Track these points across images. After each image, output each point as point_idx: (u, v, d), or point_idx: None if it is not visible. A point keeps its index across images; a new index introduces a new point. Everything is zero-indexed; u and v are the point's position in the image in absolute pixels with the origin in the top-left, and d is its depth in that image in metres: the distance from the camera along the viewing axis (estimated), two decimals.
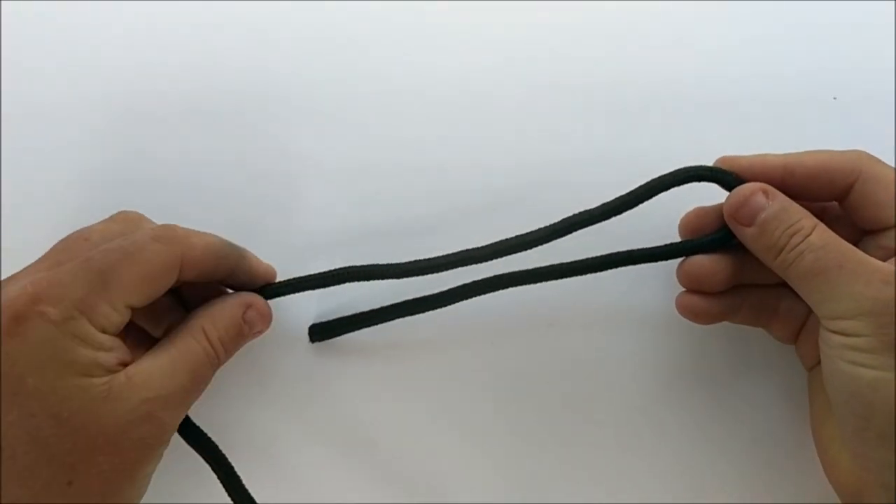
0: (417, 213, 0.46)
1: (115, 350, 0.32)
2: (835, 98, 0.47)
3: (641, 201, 0.38)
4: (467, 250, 0.39)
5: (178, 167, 0.45)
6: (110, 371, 0.31)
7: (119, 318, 0.32)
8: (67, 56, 0.47)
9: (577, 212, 0.39)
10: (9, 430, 0.29)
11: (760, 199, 0.35)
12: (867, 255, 0.33)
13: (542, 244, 0.39)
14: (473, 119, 0.47)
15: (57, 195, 0.45)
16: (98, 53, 0.47)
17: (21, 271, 0.34)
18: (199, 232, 0.35)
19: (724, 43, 0.48)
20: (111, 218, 0.37)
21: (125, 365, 0.32)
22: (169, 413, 0.32)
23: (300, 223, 0.45)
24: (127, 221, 0.36)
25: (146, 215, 0.38)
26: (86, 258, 0.32)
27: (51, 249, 0.35)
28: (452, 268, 0.39)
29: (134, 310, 0.33)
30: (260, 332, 0.38)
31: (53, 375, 0.30)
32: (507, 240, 0.39)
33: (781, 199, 0.35)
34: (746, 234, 0.36)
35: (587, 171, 0.46)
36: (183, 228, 0.35)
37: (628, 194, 0.38)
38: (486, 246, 0.39)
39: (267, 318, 0.38)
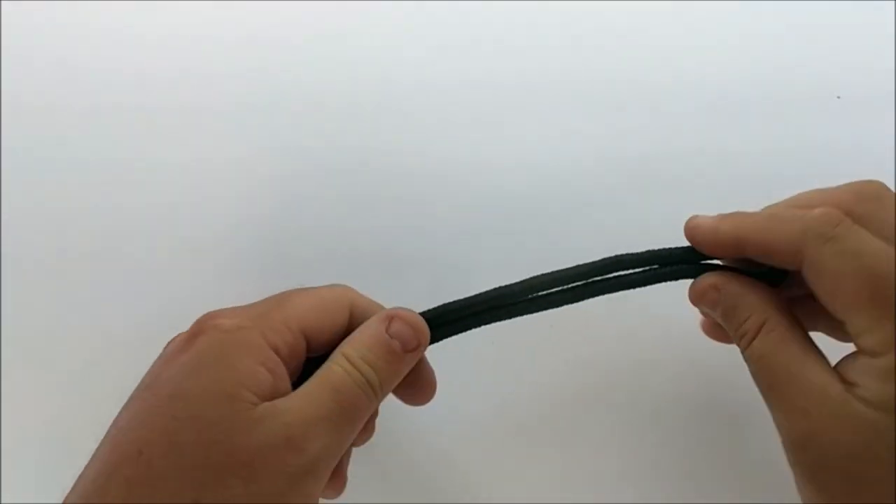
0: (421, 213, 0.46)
1: (276, 375, 0.30)
2: (838, 97, 0.47)
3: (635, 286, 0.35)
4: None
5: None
6: (262, 394, 0.29)
7: (292, 339, 0.31)
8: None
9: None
10: (151, 434, 0.28)
11: (712, 295, 0.33)
12: (805, 373, 0.29)
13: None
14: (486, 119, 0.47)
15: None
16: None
17: None
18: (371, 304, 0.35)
19: (727, 43, 0.48)
20: (325, 287, 0.36)
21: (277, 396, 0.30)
22: (312, 442, 0.29)
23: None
24: (337, 294, 0.35)
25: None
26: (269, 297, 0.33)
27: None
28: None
29: (309, 345, 0.32)
30: (418, 347, 0.33)
31: (207, 379, 0.28)
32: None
33: (730, 296, 0.32)
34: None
35: (587, 170, 0.46)
36: (362, 295, 0.35)
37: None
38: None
39: (417, 328, 0.33)
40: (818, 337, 0.33)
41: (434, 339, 0.34)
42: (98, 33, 0.47)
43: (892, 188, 0.45)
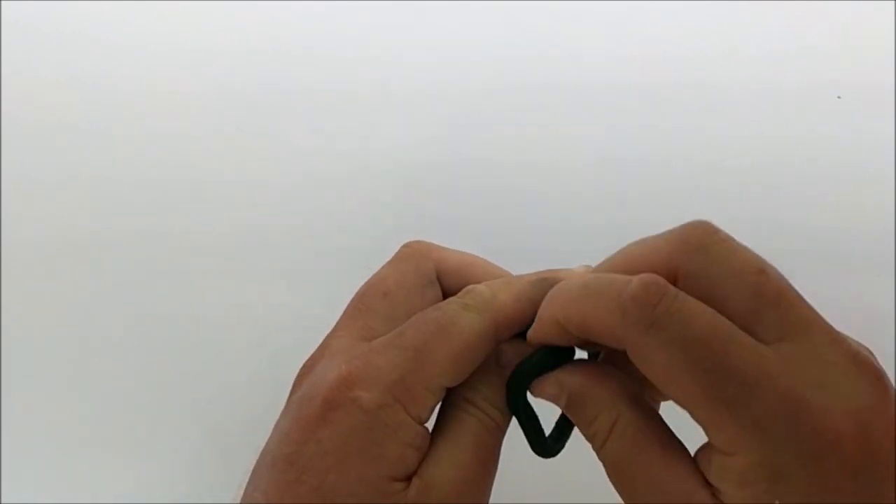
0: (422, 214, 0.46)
1: (422, 447, 0.28)
2: (838, 97, 0.47)
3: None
4: None
5: None
6: (410, 474, 0.27)
7: (435, 401, 0.28)
8: None
9: None
10: None
11: (551, 389, 0.29)
12: (667, 480, 0.26)
13: None
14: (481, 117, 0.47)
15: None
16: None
17: (330, 336, 0.30)
18: (506, 283, 0.30)
19: (727, 43, 0.48)
20: (399, 257, 0.32)
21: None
22: None
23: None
24: (418, 259, 0.32)
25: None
26: (398, 333, 0.28)
27: (349, 305, 0.31)
28: None
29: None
30: None
31: (355, 474, 0.26)
32: None
33: (574, 389, 0.28)
34: None
35: (588, 170, 0.46)
36: (488, 288, 0.30)
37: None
38: None
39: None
40: None
41: None
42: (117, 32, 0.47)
43: (892, 187, 0.45)
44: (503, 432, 0.29)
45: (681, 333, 0.24)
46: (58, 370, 0.46)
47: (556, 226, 0.46)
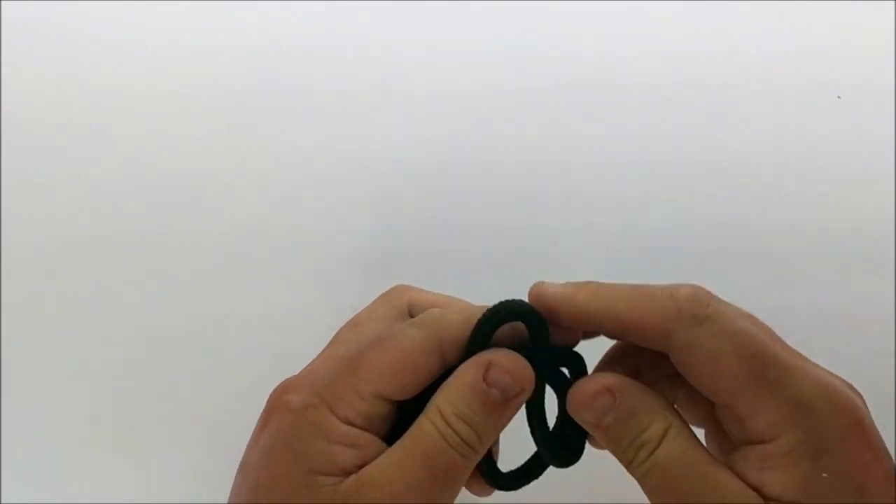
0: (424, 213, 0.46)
1: (358, 447, 0.28)
2: (838, 97, 0.47)
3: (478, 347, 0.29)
4: None
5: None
6: (345, 472, 0.27)
7: (367, 407, 0.28)
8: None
9: None
10: None
11: (605, 400, 0.28)
12: (721, 480, 0.27)
13: None
14: (479, 117, 0.47)
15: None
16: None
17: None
18: (461, 308, 0.31)
19: (727, 43, 0.48)
20: (379, 297, 0.33)
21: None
22: None
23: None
24: (392, 295, 0.33)
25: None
26: (342, 346, 0.31)
27: (330, 340, 0.32)
28: None
29: (393, 402, 0.29)
30: (521, 393, 0.29)
31: (281, 469, 0.27)
32: None
33: (629, 398, 0.28)
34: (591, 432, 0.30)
35: (588, 170, 0.46)
36: (440, 310, 0.30)
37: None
38: None
39: (519, 373, 0.28)
40: None
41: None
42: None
43: (892, 187, 0.45)
44: (473, 454, 0.28)
45: (730, 326, 0.27)
46: (58, 370, 0.46)
47: (557, 226, 0.46)
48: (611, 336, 0.30)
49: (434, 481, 0.27)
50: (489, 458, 0.30)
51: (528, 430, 0.30)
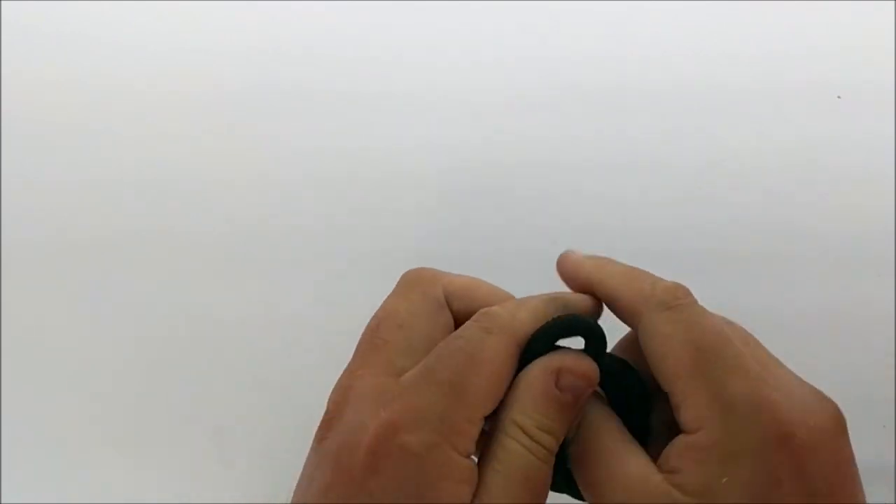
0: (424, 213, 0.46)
1: (472, 480, 0.27)
2: (838, 97, 0.47)
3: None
4: None
5: None
6: None
7: (478, 432, 0.27)
8: None
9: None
10: None
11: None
12: (623, 466, 0.28)
13: None
14: (475, 118, 0.47)
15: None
16: None
17: (350, 376, 0.29)
18: (521, 303, 0.30)
19: (727, 43, 0.48)
20: (405, 286, 0.32)
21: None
22: None
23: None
24: (424, 285, 0.31)
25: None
26: (427, 369, 0.28)
27: (363, 341, 0.30)
28: None
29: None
30: (590, 388, 0.30)
31: None
32: None
33: None
34: None
35: (588, 171, 0.46)
36: (505, 309, 0.30)
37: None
38: None
39: (588, 375, 0.29)
40: None
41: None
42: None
43: (892, 187, 0.45)
44: (554, 458, 0.28)
45: (689, 318, 0.28)
46: (58, 370, 0.46)
47: (557, 226, 0.46)
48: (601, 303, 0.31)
49: (535, 499, 0.28)
50: None
51: None
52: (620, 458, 0.28)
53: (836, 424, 0.27)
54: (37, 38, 0.47)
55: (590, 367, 0.29)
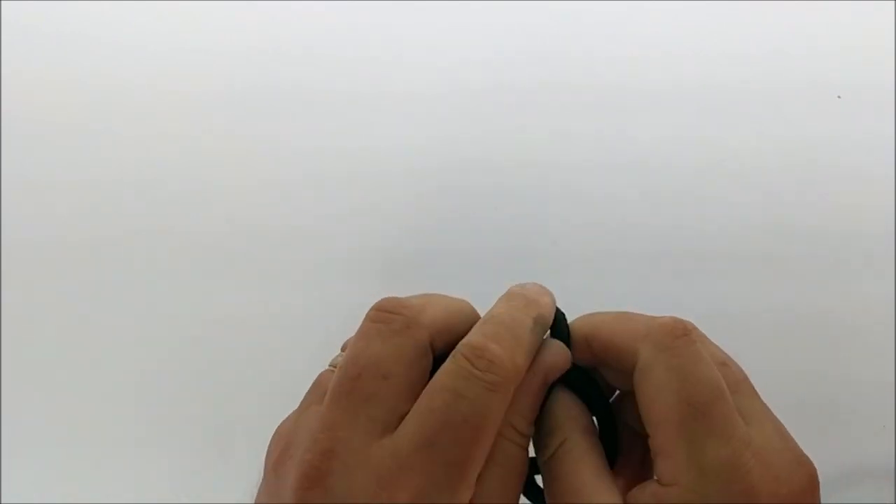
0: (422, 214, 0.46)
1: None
2: (838, 97, 0.47)
3: None
4: None
5: None
6: None
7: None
8: None
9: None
10: None
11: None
12: (593, 497, 0.28)
13: None
14: (473, 117, 0.47)
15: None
16: None
17: (326, 426, 0.27)
18: (516, 335, 0.29)
19: (727, 43, 0.48)
20: (386, 329, 0.29)
21: None
22: None
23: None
24: (412, 329, 0.29)
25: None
26: (428, 442, 0.26)
27: (340, 388, 0.27)
28: None
29: None
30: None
31: None
32: None
33: (551, 401, 0.30)
34: None
35: (588, 171, 0.46)
36: (503, 349, 0.28)
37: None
38: None
39: (565, 355, 0.30)
40: None
41: None
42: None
43: (892, 187, 0.45)
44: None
45: (685, 365, 0.27)
46: (58, 370, 0.46)
47: (557, 226, 0.46)
48: (599, 360, 0.31)
49: (521, 490, 0.29)
50: None
51: None
52: (593, 490, 0.28)
53: (810, 490, 0.27)
54: (36, 39, 0.47)
55: (567, 356, 0.30)
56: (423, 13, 0.48)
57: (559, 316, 0.31)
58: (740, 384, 0.29)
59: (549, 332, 0.31)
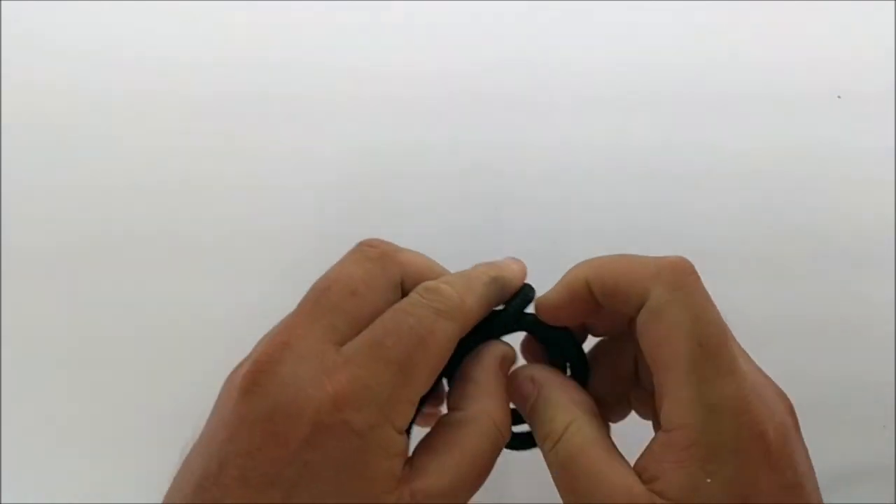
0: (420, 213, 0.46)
1: (405, 452, 0.28)
2: (838, 97, 0.47)
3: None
4: None
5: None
6: (399, 480, 0.27)
7: (414, 410, 0.28)
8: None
9: None
10: None
11: (529, 388, 0.31)
12: (609, 476, 0.28)
13: None
14: (473, 117, 0.47)
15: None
16: None
17: (288, 331, 0.29)
18: (467, 285, 0.31)
19: (727, 43, 0.48)
20: (365, 256, 0.31)
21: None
22: None
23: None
24: (385, 261, 0.31)
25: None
26: (376, 343, 0.28)
27: (309, 299, 0.30)
28: None
29: None
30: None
31: (352, 494, 0.26)
32: None
33: (548, 389, 0.31)
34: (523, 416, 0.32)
35: (588, 173, 0.46)
36: (454, 290, 0.30)
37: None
38: None
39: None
40: None
41: None
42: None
43: (892, 188, 0.45)
44: (504, 439, 0.30)
45: (697, 304, 0.28)
46: (58, 370, 0.46)
47: (557, 227, 0.46)
48: (597, 304, 0.31)
49: (482, 480, 0.29)
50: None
51: None
52: (607, 467, 0.28)
53: (794, 418, 0.28)
54: (34, 41, 0.47)
55: (510, 349, 0.32)
56: (423, 13, 0.48)
57: (527, 287, 0.32)
58: (721, 346, 0.29)
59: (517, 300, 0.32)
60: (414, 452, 0.29)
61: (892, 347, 0.47)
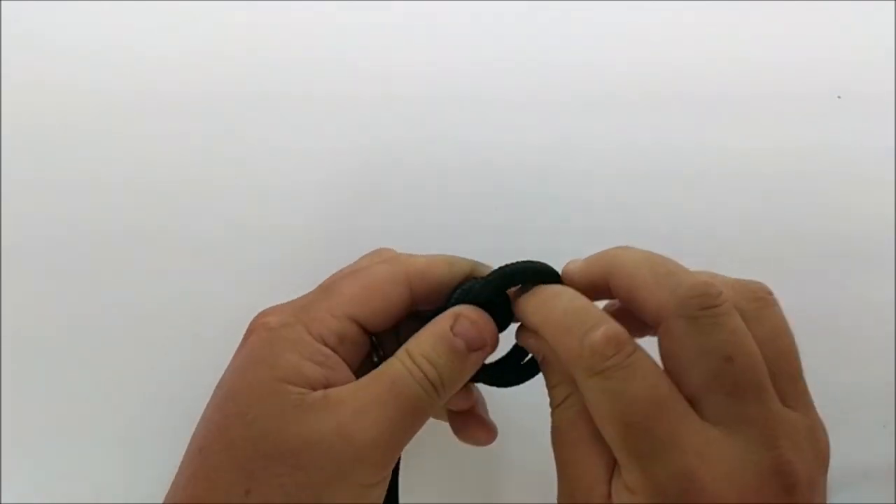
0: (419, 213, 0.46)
1: (326, 366, 0.30)
2: (838, 97, 0.47)
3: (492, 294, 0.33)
4: None
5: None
6: (311, 386, 0.29)
7: (339, 326, 0.31)
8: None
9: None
10: (209, 432, 0.30)
11: (533, 343, 0.32)
12: (581, 464, 0.29)
13: None
14: (474, 117, 0.47)
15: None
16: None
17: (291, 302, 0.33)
18: (432, 256, 0.34)
19: (727, 43, 0.48)
20: (376, 255, 0.35)
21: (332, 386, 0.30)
22: (363, 430, 0.28)
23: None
24: (391, 258, 0.34)
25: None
26: (328, 280, 0.33)
27: (321, 286, 0.34)
28: None
29: (364, 331, 0.32)
30: (483, 346, 0.32)
31: (252, 376, 0.30)
32: None
33: (551, 354, 0.31)
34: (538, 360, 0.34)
35: (587, 174, 0.46)
36: (405, 254, 0.34)
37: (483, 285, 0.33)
38: None
39: (483, 328, 0.32)
40: None
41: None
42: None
43: (892, 188, 0.45)
44: (435, 395, 0.30)
45: (615, 388, 0.27)
46: (58, 370, 0.46)
47: (557, 227, 0.46)
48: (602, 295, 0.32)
49: (397, 406, 0.29)
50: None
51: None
52: (585, 453, 0.29)
53: (782, 479, 0.27)
54: (33, 41, 0.47)
55: (486, 322, 0.32)
56: (423, 13, 0.48)
57: (504, 269, 0.32)
58: (735, 387, 0.27)
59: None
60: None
61: (892, 347, 0.47)
